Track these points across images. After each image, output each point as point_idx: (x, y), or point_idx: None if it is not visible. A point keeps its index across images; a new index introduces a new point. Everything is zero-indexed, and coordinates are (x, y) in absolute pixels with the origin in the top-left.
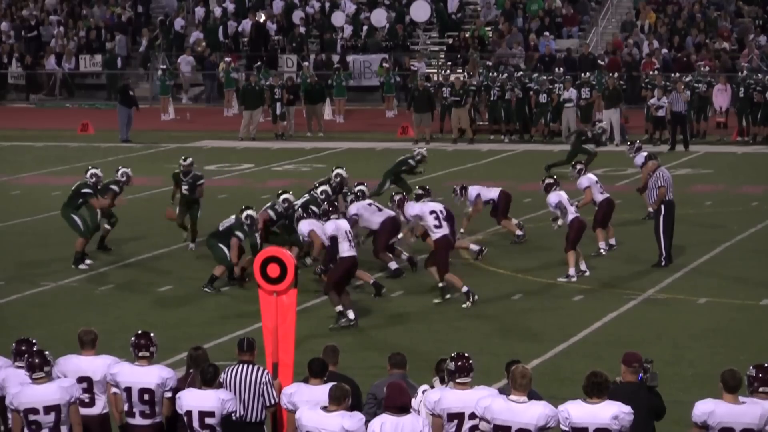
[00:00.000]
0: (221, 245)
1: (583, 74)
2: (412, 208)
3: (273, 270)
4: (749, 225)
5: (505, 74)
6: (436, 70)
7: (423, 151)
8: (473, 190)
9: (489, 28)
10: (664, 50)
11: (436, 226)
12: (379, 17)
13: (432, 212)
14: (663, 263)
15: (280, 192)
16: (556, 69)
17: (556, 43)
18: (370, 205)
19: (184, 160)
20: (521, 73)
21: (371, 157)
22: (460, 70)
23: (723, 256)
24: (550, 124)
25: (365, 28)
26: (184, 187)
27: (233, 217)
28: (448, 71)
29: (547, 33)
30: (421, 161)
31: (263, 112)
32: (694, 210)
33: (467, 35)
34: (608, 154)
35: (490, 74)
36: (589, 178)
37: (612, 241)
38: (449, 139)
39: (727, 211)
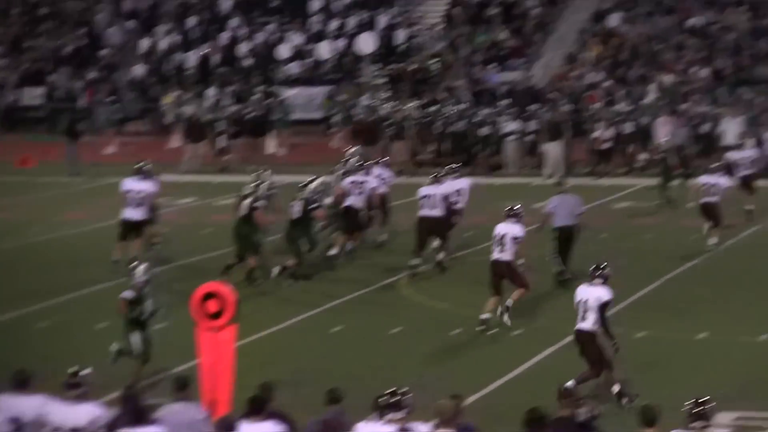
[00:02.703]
0: (301, 239)
1: (532, 106)
2: None
3: (212, 305)
4: (689, 258)
5: (452, 107)
6: (380, 103)
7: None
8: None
9: (434, 60)
10: (608, 82)
11: None
12: (324, 50)
13: None
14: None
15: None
16: (503, 101)
17: (500, 75)
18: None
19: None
20: (465, 106)
21: None
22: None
23: (663, 288)
24: (492, 157)
25: (310, 60)
26: None
27: (297, 202)
28: (397, 102)
29: (492, 65)
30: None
31: (206, 146)
32: (634, 243)
33: (412, 68)
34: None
35: (435, 107)
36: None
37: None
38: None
39: (667, 244)
